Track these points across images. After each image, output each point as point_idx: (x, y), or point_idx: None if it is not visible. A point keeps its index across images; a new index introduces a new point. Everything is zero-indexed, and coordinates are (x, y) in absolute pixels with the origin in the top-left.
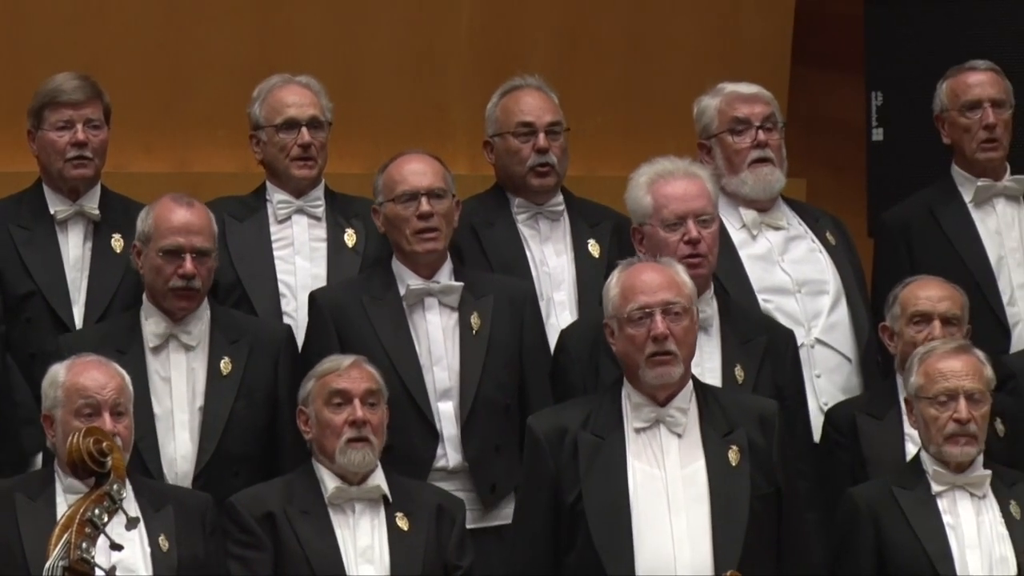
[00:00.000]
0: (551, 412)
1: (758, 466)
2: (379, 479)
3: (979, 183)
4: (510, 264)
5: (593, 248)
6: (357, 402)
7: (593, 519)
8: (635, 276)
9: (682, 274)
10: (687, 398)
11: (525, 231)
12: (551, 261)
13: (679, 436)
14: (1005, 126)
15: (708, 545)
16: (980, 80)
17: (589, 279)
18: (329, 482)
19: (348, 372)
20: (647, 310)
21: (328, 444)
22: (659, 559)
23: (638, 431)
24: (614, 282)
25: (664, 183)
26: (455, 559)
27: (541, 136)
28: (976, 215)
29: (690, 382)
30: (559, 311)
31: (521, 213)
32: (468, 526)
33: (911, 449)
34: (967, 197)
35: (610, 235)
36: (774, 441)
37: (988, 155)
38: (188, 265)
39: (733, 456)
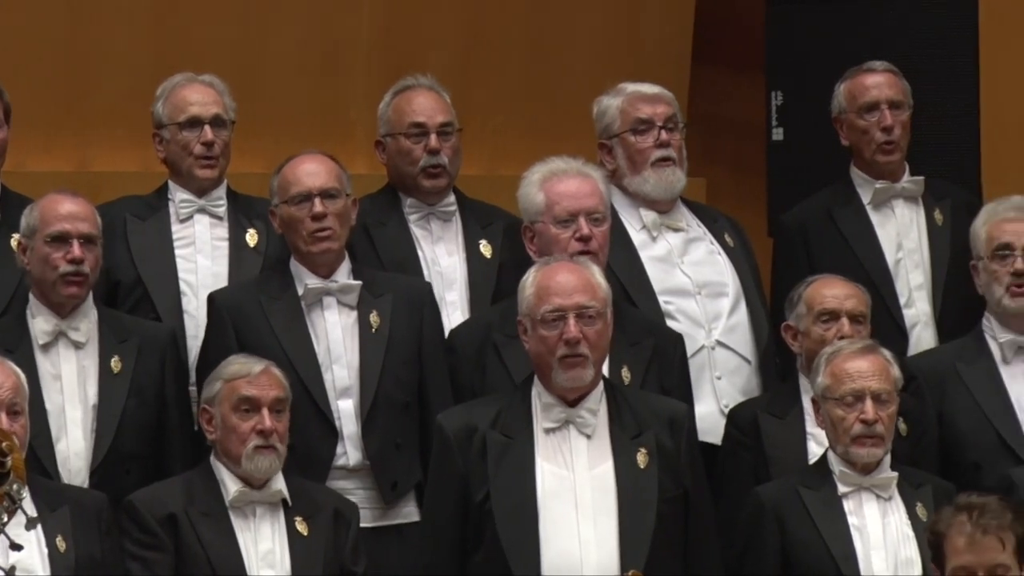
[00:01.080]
0: (461, 410)
1: (666, 468)
2: (279, 483)
3: (877, 185)
4: (402, 264)
5: (485, 249)
6: (266, 411)
7: (500, 519)
8: (551, 277)
9: (598, 276)
10: (598, 399)
11: (417, 231)
12: (443, 261)
13: (588, 437)
14: (903, 128)
15: (615, 547)
16: (877, 82)
17: (481, 279)
18: (230, 484)
19: (258, 379)
20: (560, 312)
21: (234, 449)
22: (566, 560)
23: (547, 431)
24: (530, 280)
25: (557, 181)
26: (351, 564)
27: (433, 137)
28: (874, 217)
29: (601, 383)
30: (451, 311)
31: (413, 213)
32: (369, 525)
33: (813, 449)
34: (865, 199)
35: (502, 236)
36: (683, 443)
37: (887, 159)
38: (76, 249)
39: (641, 458)
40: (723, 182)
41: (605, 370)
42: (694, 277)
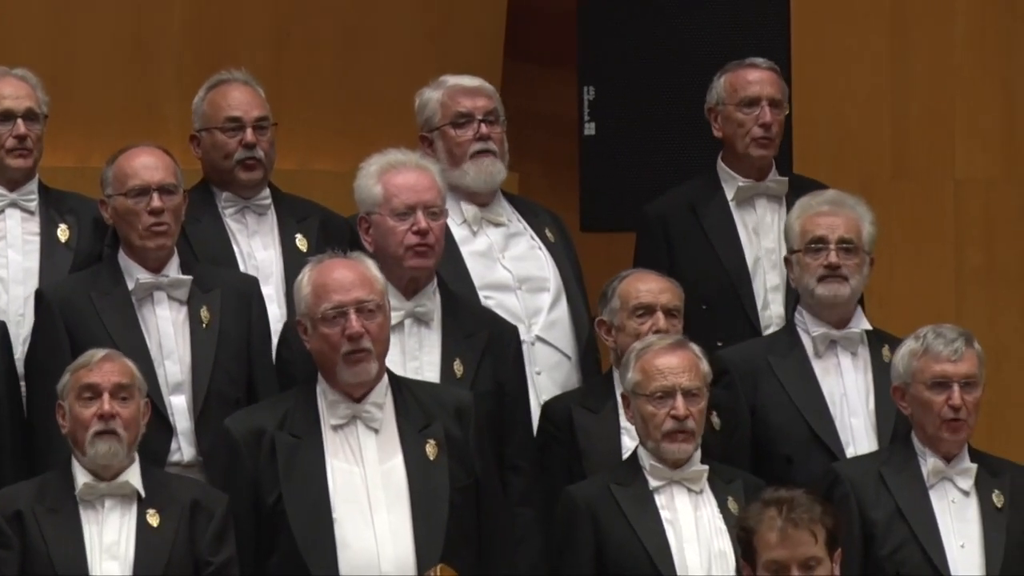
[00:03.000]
0: (247, 413)
1: (456, 458)
2: (132, 475)
3: (740, 183)
4: (218, 258)
5: (301, 243)
6: (106, 395)
7: (294, 520)
8: (327, 274)
9: (373, 270)
10: (383, 393)
11: (232, 225)
12: (259, 255)
13: (376, 432)
14: (779, 127)
15: (410, 540)
16: (760, 78)
17: (297, 273)
18: (80, 478)
19: (99, 366)
20: (341, 308)
21: (79, 437)
22: (362, 557)
23: (335, 428)
24: (305, 280)
25: (395, 173)
26: (208, 554)
27: (249, 131)
28: (736, 214)
29: (385, 377)
30: (267, 304)
31: (228, 207)
32: None
33: (627, 443)
34: (729, 195)
35: (318, 230)
36: (470, 432)
37: (761, 152)
38: None
39: (431, 450)
40: (536, 177)
41: (437, 360)
42: (515, 272)
